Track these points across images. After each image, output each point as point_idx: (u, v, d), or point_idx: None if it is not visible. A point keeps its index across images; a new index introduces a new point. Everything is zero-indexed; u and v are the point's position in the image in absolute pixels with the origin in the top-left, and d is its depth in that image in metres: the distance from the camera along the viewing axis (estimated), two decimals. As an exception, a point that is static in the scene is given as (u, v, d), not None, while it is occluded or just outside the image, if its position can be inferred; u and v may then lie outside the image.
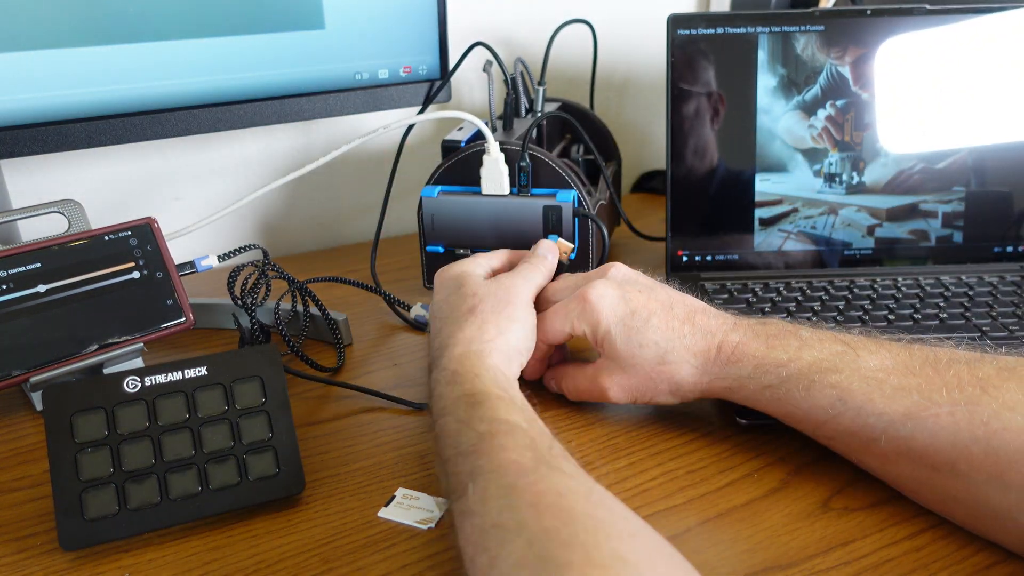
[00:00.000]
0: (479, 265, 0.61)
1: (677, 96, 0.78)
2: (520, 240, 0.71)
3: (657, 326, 0.54)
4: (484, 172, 0.71)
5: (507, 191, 0.71)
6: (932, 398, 0.46)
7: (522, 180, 0.71)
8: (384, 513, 0.51)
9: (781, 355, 0.52)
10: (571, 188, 0.71)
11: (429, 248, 0.75)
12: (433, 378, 0.52)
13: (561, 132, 0.89)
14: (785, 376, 0.51)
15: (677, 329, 0.54)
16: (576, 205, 0.71)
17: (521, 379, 0.57)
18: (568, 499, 0.39)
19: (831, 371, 0.50)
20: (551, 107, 0.88)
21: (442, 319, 0.57)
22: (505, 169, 0.70)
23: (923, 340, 0.52)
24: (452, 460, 0.45)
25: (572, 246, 0.66)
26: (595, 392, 0.58)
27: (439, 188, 0.73)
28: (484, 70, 0.77)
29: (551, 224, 0.70)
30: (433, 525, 0.50)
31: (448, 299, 0.58)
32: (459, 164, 0.73)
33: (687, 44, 0.77)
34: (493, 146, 0.70)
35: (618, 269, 0.59)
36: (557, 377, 0.61)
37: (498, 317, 0.55)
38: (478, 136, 0.73)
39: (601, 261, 0.72)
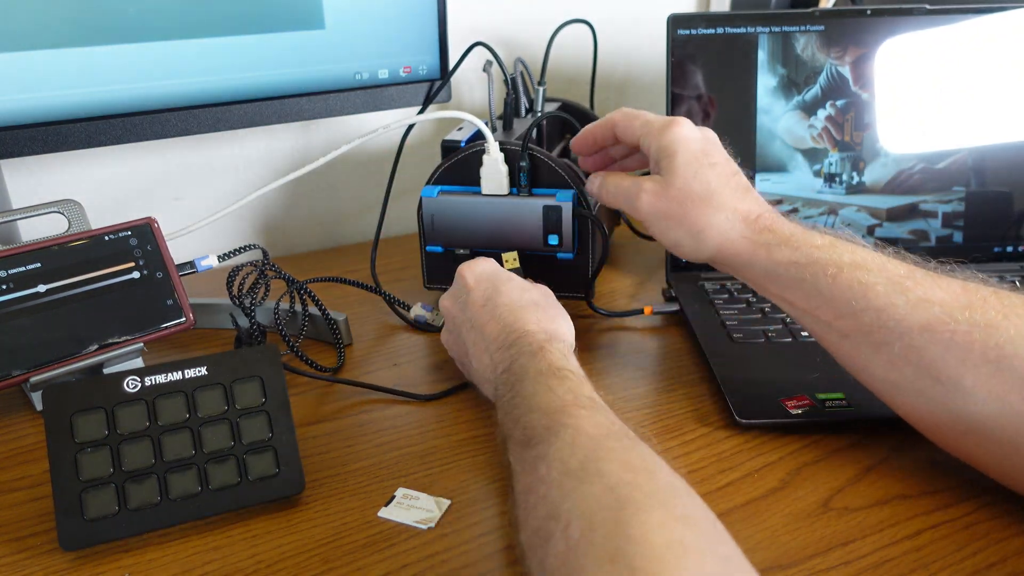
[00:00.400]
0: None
1: (677, 96, 0.78)
2: (520, 240, 0.71)
3: (719, 173, 0.58)
4: (484, 172, 0.71)
5: (507, 191, 0.71)
6: (953, 315, 0.48)
7: (522, 180, 0.71)
8: (384, 513, 0.51)
9: (817, 239, 0.54)
10: (571, 188, 0.71)
11: (429, 248, 0.75)
12: (514, 351, 0.54)
13: (561, 132, 0.89)
14: (816, 258, 0.53)
15: (732, 186, 0.57)
16: (576, 205, 0.71)
17: None
18: (651, 465, 0.41)
19: (861, 268, 0.51)
20: (551, 107, 0.88)
21: (505, 305, 0.58)
22: (505, 169, 0.70)
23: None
24: (527, 416, 0.47)
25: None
26: (631, 192, 0.60)
27: (439, 188, 0.73)
28: (484, 70, 0.77)
29: (551, 224, 0.70)
30: (433, 525, 0.50)
31: (501, 288, 0.60)
32: (459, 164, 0.73)
33: (687, 44, 0.77)
34: (493, 146, 0.70)
35: (712, 132, 0.61)
36: (605, 174, 0.65)
37: (560, 313, 0.60)
38: (478, 136, 0.73)
39: (601, 262, 0.72)
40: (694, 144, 0.58)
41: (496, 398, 0.53)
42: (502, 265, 0.67)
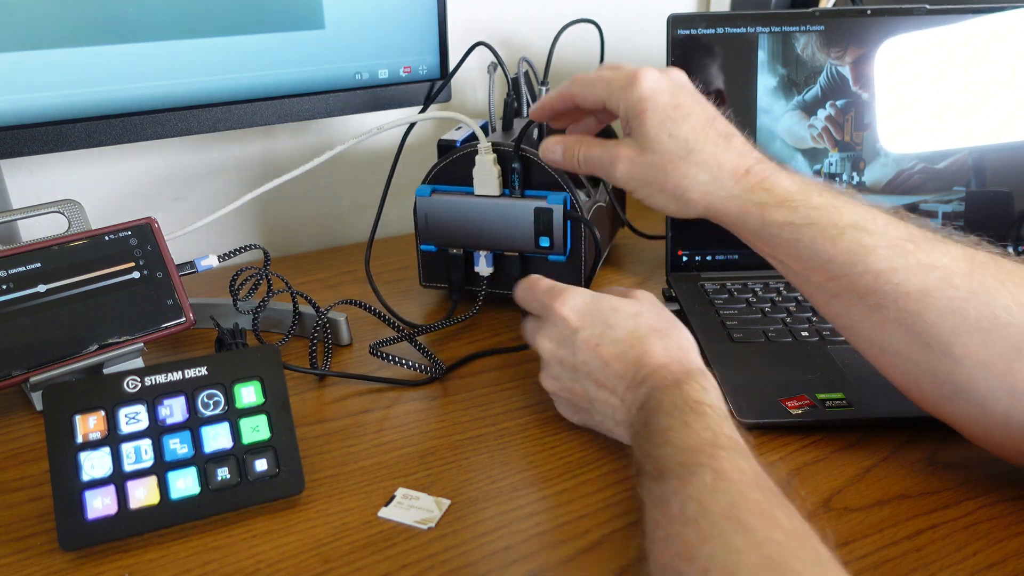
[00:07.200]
0: None
1: (677, 96, 0.78)
2: (512, 242, 0.71)
3: (694, 126, 0.54)
4: (476, 173, 0.71)
5: (498, 192, 0.71)
6: (953, 281, 0.47)
7: (514, 182, 0.70)
8: (384, 513, 0.51)
9: (815, 198, 0.51)
10: (564, 190, 0.71)
11: (423, 247, 0.75)
12: (647, 388, 0.50)
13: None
14: (815, 219, 0.50)
15: (712, 138, 0.54)
16: (567, 208, 0.70)
17: None
18: (800, 529, 0.38)
19: (861, 230, 0.50)
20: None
21: (623, 340, 0.53)
22: (497, 170, 0.70)
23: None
24: (660, 450, 0.44)
25: None
26: (606, 159, 0.56)
27: (433, 187, 0.73)
28: (488, 70, 0.77)
29: (542, 226, 0.70)
30: (433, 525, 0.50)
31: (610, 321, 0.54)
32: (454, 164, 0.73)
33: (687, 44, 0.77)
34: (485, 147, 0.70)
35: (679, 73, 0.57)
36: (570, 143, 0.60)
37: (680, 332, 0.55)
38: (476, 136, 0.73)
39: (595, 265, 0.72)
40: (663, 97, 0.54)
41: (632, 437, 0.50)
42: None
